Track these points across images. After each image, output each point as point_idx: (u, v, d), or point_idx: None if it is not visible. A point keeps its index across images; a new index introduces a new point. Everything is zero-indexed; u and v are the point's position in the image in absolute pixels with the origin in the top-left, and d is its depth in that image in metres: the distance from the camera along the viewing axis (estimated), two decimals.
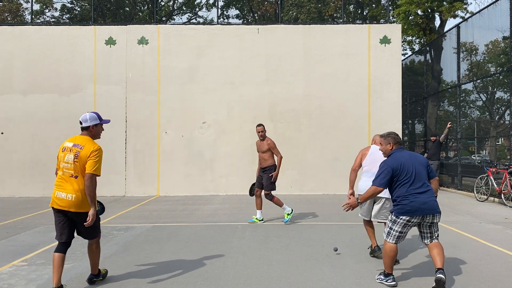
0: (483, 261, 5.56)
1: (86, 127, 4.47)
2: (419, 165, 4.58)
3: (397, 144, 4.80)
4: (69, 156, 4.33)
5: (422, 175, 4.55)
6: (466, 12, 18.96)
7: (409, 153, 4.75)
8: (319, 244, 6.52)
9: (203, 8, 29.25)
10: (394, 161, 4.58)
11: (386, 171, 4.54)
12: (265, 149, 8.40)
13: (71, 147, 4.36)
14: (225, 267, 5.33)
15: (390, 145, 4.82)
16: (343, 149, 13.47)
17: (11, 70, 13.70)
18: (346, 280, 4.81)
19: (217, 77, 13.69)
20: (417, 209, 4.43)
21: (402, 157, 4.63)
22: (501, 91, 20.69)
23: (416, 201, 4.43)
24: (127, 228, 7.99)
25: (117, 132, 13.58)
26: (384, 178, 4.52)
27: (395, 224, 4.55)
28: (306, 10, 24.19)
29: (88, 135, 4.46)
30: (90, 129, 4.46)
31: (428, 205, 4.45)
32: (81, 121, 4.47)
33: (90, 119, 4.47)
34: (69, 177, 4.32)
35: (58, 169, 4.42)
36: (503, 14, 11.64)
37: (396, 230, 4.54)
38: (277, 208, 10.50)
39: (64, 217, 4.37)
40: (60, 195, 4.31)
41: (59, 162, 4.41)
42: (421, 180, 4.52)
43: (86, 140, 4.39)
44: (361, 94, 13.61)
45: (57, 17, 26.79)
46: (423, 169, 4.58)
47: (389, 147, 4.82)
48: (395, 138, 4.85)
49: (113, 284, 4.73)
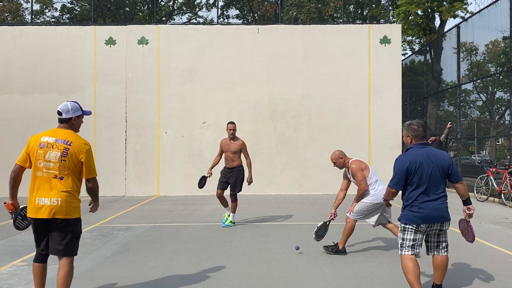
0: (483, 261, 5.56)
1: (67, 118, 3.80)
2: (438, 168, 3.94)
3: (418, 138, 4.03)
4: (53, 154, 3.63)
5: (438, 179, 3.95)
6: (466, 12, 18.97)
7: (430, 151, 4.01)
8: (319, 244, 6.52)
9: (203, 8, 29.27)
10: (408, 160, 3.94)
11: (400, 172, 3.96)
12: (236, 149, 7.96)
13: (54, 142, 3.66)
14: (225, 267, 5.33)
15: (409, 138, 4.08)
16: (343, 149, 13.29)
17: (11, 70, 13.70)
18: (346, 280, 4.81)
19: (217, 77, 13.69)
20: (425, 217, 3.95)
21: (420, 155, 3.94)
22: (501, 91, 20.70)
23: (425, 208, 3.93)
24: (127, 228, 7.98)
25: (117, 132, 13.58)
26: (399, 180, 3.98)
27: (405, 232, 4.04)
28: (306, 10, 24.19)
29: (69, 128, 3.80)
30: (72, 121, 3.82)
31: (437, 212, 3.95)
32: (61, 112, 3.77)
33: (72, 109, 3.82)
34: (51, 178, 3.63)
35: (35, 169, 3.66)
36: (503, 14, 11.65)
37: (409, 239, 4.03)
38: (277, 208, 10.50)
39: (45, 228, 3.69)
40: (43, 201, 3.60)
41: (36, 160, 3.65)
42: (436, 185, 3.94)
43: (72, 135, 3.76)
44: (361, 94, 13.61)
45: (57, 17, 26.80)
46: (441, 173, 3.95)
47: (409, 140, 4.09)
48: (416, 131, 4.02)
49: (113, 284, 4.73)
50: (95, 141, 13.55)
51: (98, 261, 5.68)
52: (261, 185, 13.52)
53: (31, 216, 3.67)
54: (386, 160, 13.48)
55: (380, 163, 13.43)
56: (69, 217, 3.70)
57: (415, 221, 3.97)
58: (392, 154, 13.43)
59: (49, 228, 3.69)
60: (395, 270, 5.14)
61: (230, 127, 7.93)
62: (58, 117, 3.81)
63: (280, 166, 13.61)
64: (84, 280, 4.84)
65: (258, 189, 13.53)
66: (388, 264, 5.42)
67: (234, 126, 7.97)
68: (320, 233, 6.16)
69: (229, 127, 7.93)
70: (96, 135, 13.58)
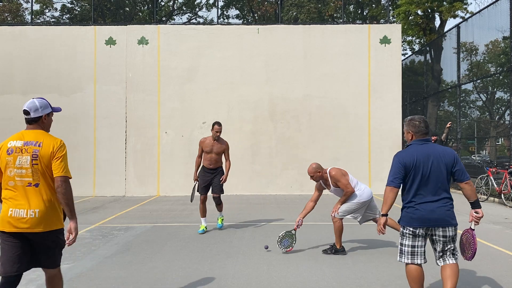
0: (483, 261, 5.56)
1: (37, 118, 3.32)
2: (440, 165, 3.59)
3: (419, 134, 3.69)
4: (23, 159, 3.19)
5: (440, 178, 3.59)
6: (466, 12, 18.98)
7: (432, 147, 3.66)
8: (319, 244, 6.52)
9: (203, 8, 29.27)
10: (406, 155, 3.63)
11: (396, 167, 3.62)
12: (221, 150, 7.75)
13: (22, 146, 3.22)
14: (225, 267, 5.33)
15: (410, 135, 3.75)
16: (343, 149, 13.48)
17: (11, 70, 13.70)
18: (346, 280, 4.81)
19: (217, 77, 13.69)
20: (423, 219, 3.60)
21: (419, 151, 3.62)
22: (501, 91, 20.70)
23: (422, 209, 3.59)
24: (127, 228, 7.98)
25: (117, 132, 13.58)
26: (397, 175, 3.62)
27: (403, 237, 3.74)
28: (306, 10, 24.20)
29: (39, 128, 3.34)
30: (41, 120, 3.35)
31: (436, 214, 3.58)
32: (28, 110, 3.28)
33: (42, 107, 3.34)
34: (25, 186, 3.20)
35: (6, 179, 3.23)
36: (503, 14, 11.65)
37: (407, 245, 3.71)
38: (277, 208, 10.50)
39: (20, 242, 3.22)
40: (18, 213, 3.17)
41: (6, 169, 3.22)
42: (436, 184, 3.59)
43: (42, 135, 3.30)
44: (361, 94, 13.61)
45: (57, 17, 26.81)
46: (444, 171, 3.59)
47: (409, 137, 3.76)
48: (417, 127, 3.69)
49: (113, 284, 4.73)
50: (95, 141, 13.55)
51: (98, 261, 5.68)
52: (261, 185, 13.53)
53: (4, 230, 3.20)
54: (386, 160, 13.49)
55: (380, 163, 13.46)
56: (50, 229, 3.23)
57: (411, 223, 3.65)
58: (392, 154, 13.41)
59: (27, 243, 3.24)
60: (395, 270, 5.14)
61: (217, 128, 7.53)
62: (25, 117, 3.33)
63: (280, 166, 13.61)
64: (84, 280, 4.84)
65: (258, 189, 13.54)
66: (388, 264, 5.42)
67: (221, 128, 7.62)
68: (285, 243, 6.02)
69: (216, 128, 7.53)
70: (96, 135, 13.57)
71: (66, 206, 3.25)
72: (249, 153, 13.53)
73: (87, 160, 13.48)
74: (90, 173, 13.48)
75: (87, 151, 13.51)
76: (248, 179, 13.55)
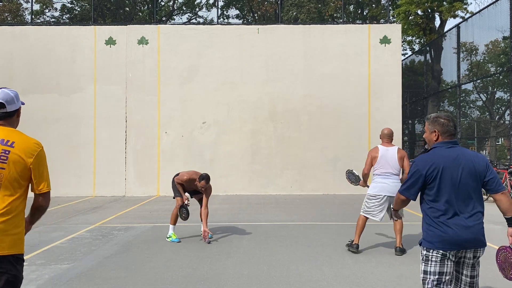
0: (483, 261, 5.53)
1: (12, 112, 2.66)
2: (469, 174, 2.94)
3: (446, 135, 3.04)
4: None
5: (470, 188, 2.94)
6: (466, 12, 18.98)
7: (461, 152, 3.01)
8: (319, 244, 6.52)
9: (203, 8, 29.28)
10: (428, 162, 2.98)
11: (415, 177, 3.00)
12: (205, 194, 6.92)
13: None
14: (225, 267, 5.33)
15: (435, 134, 3.07)
16: (343, 149, 13.48)
17: (11, 70, 13.70)
18: (346, 280, 4.81)
19: (217, 77, 13.70)
20: (454, 239, 2.88)
21: (445, 156, 2.97)
22: (501, 91, 20.69)
23: (454, 227, 2.88)
24: (127, 228, 7.98)
25: (117, 132, 13.58)
26: (412, 187, 3.02)
27: (428, 263, 2.94)
28: (306, 10, 24.21)
29: (13, 125, 2.68)
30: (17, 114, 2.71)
31: (471, 233, 2.89)
32: (4, 103, 2.59)
33: (17, 97, 2.69)
34: None
35: None
36: (503, 14, 11.66)
37: (434, 272, 2.91)
38: (277, 208, 10.50)
39: None
40: None
41: None
42: (468, 195, 2.94)
43: (16, 134, 2.61)
44: (361, 94, 13.61)
45: (57, 17, 26.81)
46: (475, 180, 2.95)
47: (434, 137, 3.09)
48: (445, 126, 3.04)
49: (113, 284, 4.73)
50: (95, 141, 13.56)
51: (98, 261, 5.68)
52: (261, 185, 13.53)
53: None
54: None
55: None
56: (4, 253, 2.45)
57: (441, 245, 2.89)
58: None
59: None
60: (395, 270, 5.15)
61: (202, 184, 6.65)
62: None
63: (280, 166, 13.61)
64: (84, 280, 4.84)
65: (258, 189, 13.55)
66: (388, 264, 5.43)
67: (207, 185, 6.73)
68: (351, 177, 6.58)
69: (202, 184, 6.64)
70: (96, 135, 13.57)
71: (32, 218, 2.72)
72: (249, 153, 13.53)
73: (87, 160, 13.48)
74: (90, 173, 13.48)
75: (87, 151, 13.51)
76: (248, 179, 13.56)
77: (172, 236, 6.81)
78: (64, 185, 13.28)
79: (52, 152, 13.44)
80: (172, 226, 6.88)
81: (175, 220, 6.91)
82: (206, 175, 6.69)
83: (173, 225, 6.89)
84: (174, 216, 6.90)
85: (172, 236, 6.82)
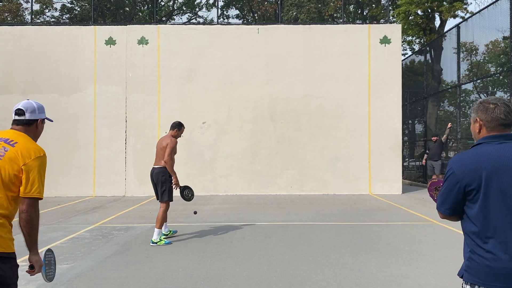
0: None
1: (32, 120, 2.67)
2: None
3: (493, 126, 2.19)
4: None
5: None
6: (466, 12, 18.98)
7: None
8: (319, 244, 6.52)
9: (203, 8, 29.28)
10: (467, 163, 2.13)
11: (449, 185, 2.18)
12: None
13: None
14: (225, 267, 5.33)
15: (478, 124, 2.24)
16: (343, 149, 13.48)
17: (11, 70, 13.70)
18: (346, 280, 4.81)
19: (217, 77, 13.70)
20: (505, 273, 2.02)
21: (492, 156, 2.10)
22: (501, 91, 20.69)
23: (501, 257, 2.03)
24: (127, 228, 7.98)
25: (117, 132, 13.58)
26: (447, 199, 2.19)
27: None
28: (306, 10, 24.21)
29: (29, 133, 2.66)
30: (36, 125, 2.71)
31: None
32: (24, 110, 2.65)
33: (39, 109, 2.71)
34: None
35: None
36: (503, 14, 11.65)
37: None
38: (277, 208, 10.50)
39: None
40: None
41: None
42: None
43: (24, 138, 2.59)
44: (361, 94, 13.61)
45: (57, 17, 26.82)
46: None
47: (476, 129, 2.26)
48: (490, 111, 2.20)
49: (113, 284, 4.73)
50: (95, 141, 13.56)
51: (98, 261, 5.68)
52: (261, 185, 13.53)
53: None
54: (386, 160, 13.50)
55: (380, 163, 13.46)
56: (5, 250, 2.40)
57: (489, 281, 2.05)
58: (392, 154, 13.45)
59: None
60: (395, 270, 5.15)
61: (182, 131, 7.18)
62: (15, 118, 2.69)
63: (280, 166, 13.61)
64: (84, 280, 4.84)
65: (258, 189, 13.55)
66: (388, 264, 5.42)
67: None
68: None
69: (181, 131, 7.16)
70: (96, 135, 13.57)
71: (28, 236, 2.53)
72: (249, 153, 13.53)
73: (87, 160, 13.48)
74: (90, 173, 13.49)
75: (87, 151, 13.51)
76: (248, 179, 13.56)
77: (163, 240, 6.63)
78: (64, 185, 13.29)
79: (52, 152, 13.45)
80: (158, 230, 6.63)
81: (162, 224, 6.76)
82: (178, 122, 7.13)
83: (160, 229, 6.67)
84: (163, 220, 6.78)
85: (162, 240, 6.62)
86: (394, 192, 13.24)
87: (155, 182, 6.91)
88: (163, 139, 6.98)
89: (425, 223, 8.31)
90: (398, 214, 9.31)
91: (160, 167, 6.83)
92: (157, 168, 6.86)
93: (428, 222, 8.35)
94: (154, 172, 6.89)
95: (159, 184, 6.84)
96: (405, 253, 6.00)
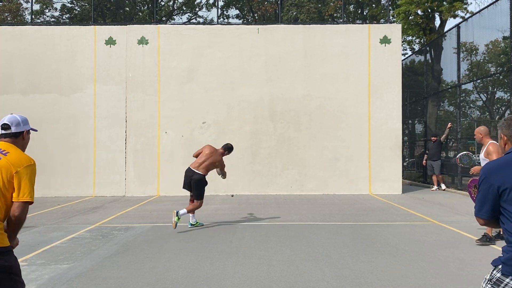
0: (483, 261, 5.55)
1: (18, 133, 2.95)
2: None
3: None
4: None
5: None
6: (466, 12, 18.97)
7: None
8: (319, 244, 6.52)
9: (203, 8, 29.30)
10: (498, 170, 2.33)
11: (483, 190, 2.35)
12: None
13: None
14: (225, 267, 5.33)
15: (503, 140, 2.53)
16: (343, 149, 13.48)
17: (11, 70, 13.70)
18: (346, 280, 4.81)
19: (217, 77, 13.69)
20: None
21: None
22: (501, 91, 20.70)
23: None
24: (127, 228, 7.98)
25: (117, 132, 13.58)
26: (484, 205, 2.36)
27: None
28: (306, 10, 24.21)
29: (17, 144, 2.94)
30: (23, 136, 2.99)
31: None
32: (9, 124, 2.91)
33: (24, 122, 2.99)
34: None
35: None
36: (503, 14, 11.65)
37: None
38: (277, 208, 10.50)
39: None
40: None
41: None
42: None
43: (14, 149, 2.86)
44: (361, 94, 13.61)
45: (57, 17, 26.83)
46: None
47: (502, 144, 2.55)
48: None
49: (113, 284, 4.73)
50: (95, 141, 13.55)
51: (98, 261, 5.68)
52: (261, 185, 13.53)
53: None
54: (386, 160, 13.50)
55: (380, 163, 13.46)
56: None
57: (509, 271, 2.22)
58: (392, 154, 13.45)
59: None
60: (395, 270, 5.15)
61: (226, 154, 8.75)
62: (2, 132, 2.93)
63: (280, 166, 13.61)
64: (84, 280, 4.84)
65: (258, 189, 13.54)
66: (388, 264, 5.42)
67: None
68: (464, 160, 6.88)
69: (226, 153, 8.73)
70: (96, 135, 13.57)
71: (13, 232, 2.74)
72: (249, 153, 13.53)
73: (87, 160, 13.48)
74: (90, 173, 13.48)
75: (87, 151, 13.51)
76: (248, 179, 13.55)
77: (198, 222, 8.02)
78: (64, 185, 13.29)
79: (52, 152, 13.48)
80: (192, 214, 7.93)
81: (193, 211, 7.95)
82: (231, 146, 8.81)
83: (193, 214, 7.95)
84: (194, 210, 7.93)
85: (198, 222, 8.01)
86: (394, 192, 13.24)
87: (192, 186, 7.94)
88: (214, 150, 8.33)
89: (425, 223, 8.31)
90: (398, 214, 9.31)
91: (201, 174, 7.98)
92: (197, 174, 7.98)
93: (428, 222, 8.35)
94: (193, 177, 7.93)
95: (200, 188, 7.91)
96: (405, 253, 5.99)
